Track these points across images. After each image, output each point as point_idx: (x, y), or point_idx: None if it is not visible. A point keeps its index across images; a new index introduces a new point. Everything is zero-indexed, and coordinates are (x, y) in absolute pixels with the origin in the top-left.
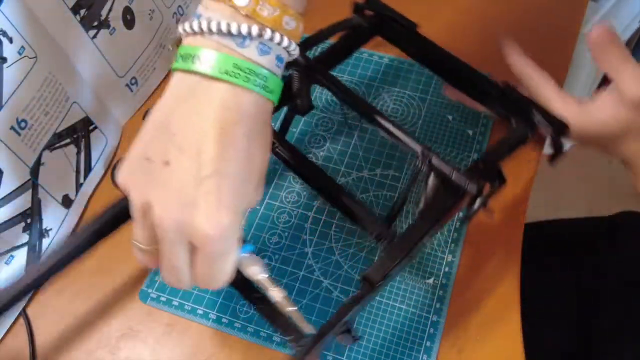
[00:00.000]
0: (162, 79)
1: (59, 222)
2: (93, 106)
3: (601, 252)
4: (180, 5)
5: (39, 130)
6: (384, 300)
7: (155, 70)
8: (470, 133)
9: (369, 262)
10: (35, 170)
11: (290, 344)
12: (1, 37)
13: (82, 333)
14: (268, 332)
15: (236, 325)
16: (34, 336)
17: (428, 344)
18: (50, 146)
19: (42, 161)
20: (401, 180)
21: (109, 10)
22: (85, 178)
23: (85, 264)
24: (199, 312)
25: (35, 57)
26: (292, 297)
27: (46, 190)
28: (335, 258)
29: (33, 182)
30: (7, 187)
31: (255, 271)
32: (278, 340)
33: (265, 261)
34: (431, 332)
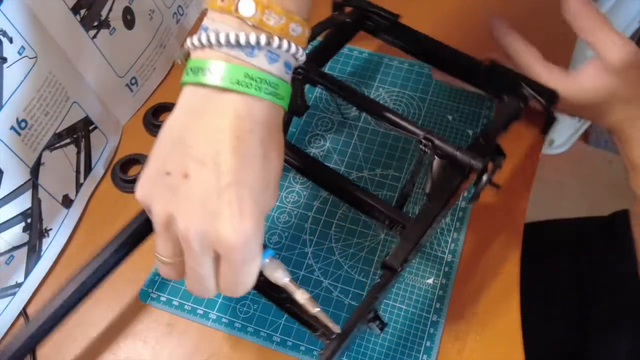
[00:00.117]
0: (162, 79)
1: (59, 222)
2: (93, 106)
3: (600, 250)
4: (180, 5)
5: (39, 130)
6: (384, 301)
7: (155, 70)
8: (470, 133)
9: (369, 262)
10: (35, 170)
11: (319, 339)
12: (1, 37)
13: (82, 333)
14: (268, 332)
15: (236, 325)
16: None
17: (428, 344)
18: (50, 146)
19: (42, 161)
20: (401, 181)
21: (109, 10)
22: (85, 178)
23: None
24: (199, 312)
25: (36, 57)
26: None
27: (46, 190)
28: (335, 258)
29: (33, 182)
30: (7, 187)
31: (280, 275)
32: (278, 340)
33: None
34: (431, 332)
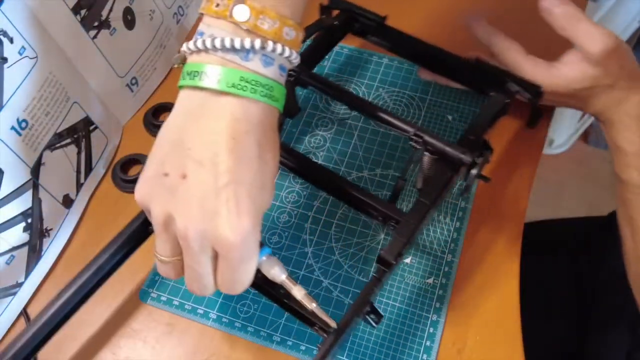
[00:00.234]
0: (162, 79)
1: (59, 222)
2: (94, 106)
3: (600, 250)
4: (180, 6)
5: (40, 130)
6: (384, 300)
7: (155, 71)
8: None
9: (369, 262)
10: (35, 170)
11: (317, 333)
12: (2, 37)
13: (83, 332)
14: (268, 331)
15: (236, 324)
16: None
17: (428, 343)
18: (50, 146)
19: (42, 161)
20: None
21: (110, 10)
22: (85, 178)
23: (85, 264)
24: (199, 311)
25: (36, 57)
26: None
27: (47, 190)
28: (335, 258)
29: (34, 182)
30: (7, 187)
31: (277, 273)
32: (278, 339)
33: None
34: (431, 331)
